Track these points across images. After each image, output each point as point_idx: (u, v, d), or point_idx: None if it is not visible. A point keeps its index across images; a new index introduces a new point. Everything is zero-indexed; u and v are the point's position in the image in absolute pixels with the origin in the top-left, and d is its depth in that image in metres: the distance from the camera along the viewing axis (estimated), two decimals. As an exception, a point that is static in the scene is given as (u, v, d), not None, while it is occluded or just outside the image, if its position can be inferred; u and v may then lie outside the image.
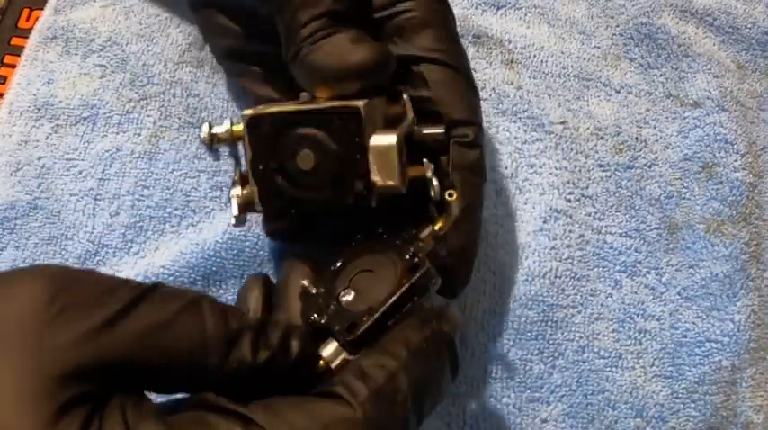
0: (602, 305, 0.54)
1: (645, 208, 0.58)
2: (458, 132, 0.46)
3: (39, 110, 0.57)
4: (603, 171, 0.59)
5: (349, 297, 0.41)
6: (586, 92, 0.62)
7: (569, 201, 0.57)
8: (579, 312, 0.53)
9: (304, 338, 0.38)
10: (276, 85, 0.50)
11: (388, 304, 0.39)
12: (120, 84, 0.59)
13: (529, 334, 0.52)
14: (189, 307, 0.35)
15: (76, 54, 0.60)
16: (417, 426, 0.37)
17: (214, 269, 0.52)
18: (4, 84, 0.60)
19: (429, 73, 0.47)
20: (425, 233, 0.44)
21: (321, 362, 0.38)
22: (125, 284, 0.35)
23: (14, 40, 0.62)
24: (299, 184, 0.41)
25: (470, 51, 0.63)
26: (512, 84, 0.61)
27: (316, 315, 0.40)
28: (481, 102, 0.60)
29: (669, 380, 0.52)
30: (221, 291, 0.52)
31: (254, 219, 0.53)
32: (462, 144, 0.46)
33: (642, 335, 0.53)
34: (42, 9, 0.62)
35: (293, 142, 0.41)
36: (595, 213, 0.57)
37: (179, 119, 0.58)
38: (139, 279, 0.51)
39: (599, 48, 0.64)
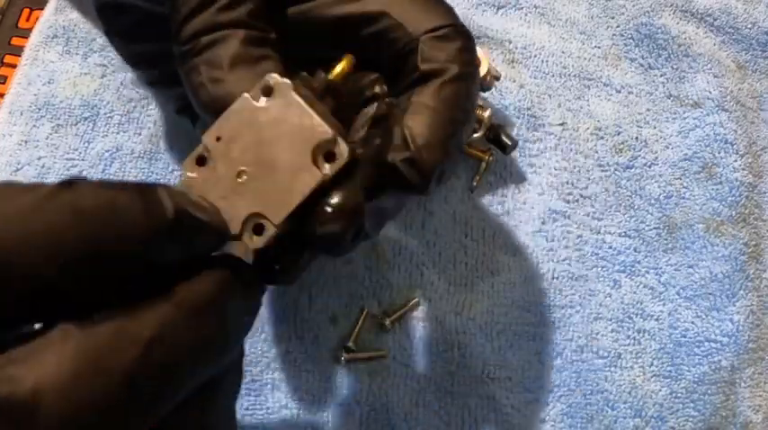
0: (600, 305, 0.54)
1: (644, 208, 0.58)
2: (431, 34, 0.39)
3: (39, 109, 0.58)
4: (603, 171, 0.59)
5: None
6: (587, 91, 0.62)
7: (568, 202, 0.57)
8: (578, 312, 0.54)
9: None
10: None
11: None
12: (122, 83, 0.59)
13: (527, 334, 0.52)
14: None
15: (77, 53, 0.60)
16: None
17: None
18: (4, 83, 0.60)
19: None
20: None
21: None
22: None
23: (15, 40, 0.63)
24: None
25: (470, 51, 0.63)
26: (514, 81, 0.62)
27: None
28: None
29: (668, 379, 0.52)
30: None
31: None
32: (434, 38, 0.39)
33: (641, 334, 0.53)
34: (42, 9, 0.63)
35: None
36: (594, 213, 0.57)
37: (180, 119, 0.58)
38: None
39: (599, 48, 0.64)
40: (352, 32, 0.40)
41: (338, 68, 0.38)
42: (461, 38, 0.39)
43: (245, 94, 0.34)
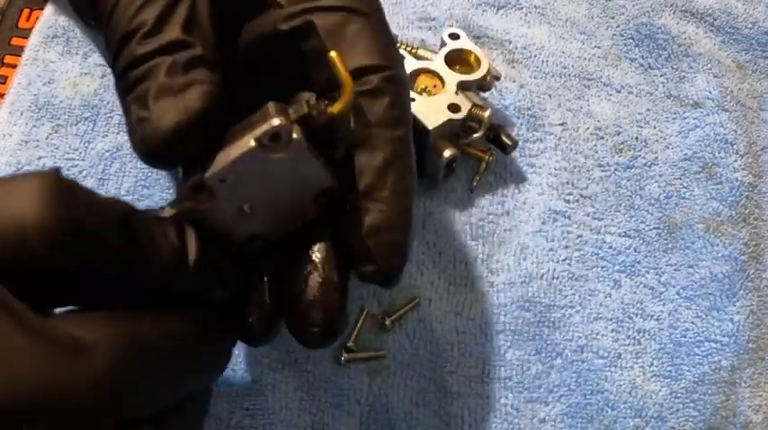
0: (600, 305, 0.54)
1: (644, 208, 0.58)
2: (359, 82, 0.39)
3: (39, 110, 0.58)
4: (603, 171, 0.59)
5: None
6: (587, 92, 0.62)
7: (568, 202, 0.57)
8: (578, 312, 0.53)
9: None
10: None
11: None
12: (122, 83, 0.59)
13: (526, 334, 0.52)
14: None
15: (77, 54, 0.60)
16: None
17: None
18: (4, 84, 0.60)
19: (321, 20, 0.40)
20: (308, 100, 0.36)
21: None
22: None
23: (15, 40, 0.63)
24: None
25: (471, 51, 0.63)
26: (514, 81, 0.62)
27: None
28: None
29: (668, 379, 0.52)
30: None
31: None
32: (364, 93, 0.39)
33: (641, 334, 0.53)
34: (42, 9, 0.63)
35: None
36: (594, 213, 0.57)
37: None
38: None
39: (599, 48, 0.64)
40: (294, 48, 0.41)
41: (341, 103, 0.36)
42: (390, 89, 0.39)
43: (252, 142, 0.34)
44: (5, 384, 0.26)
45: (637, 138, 0.60)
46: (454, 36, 0.57)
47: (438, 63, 0.56)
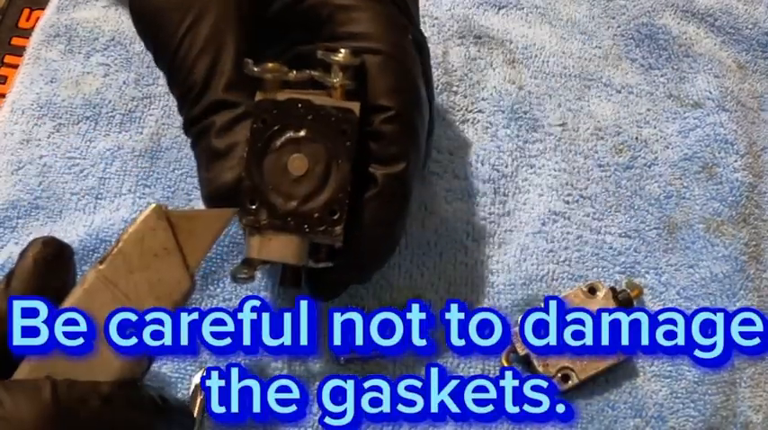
0: (600, 305, 0.54)
1: (644, 208, 0.58)
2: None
3: (41, 108, 0.58)
4: (603, 171, 0.59)
5: None
6: (587, 92, 0.62)
7: (568, 203, 0.57)
8: (578, 312, 0.53)
9: None
10: None
11: None
12: (124, 83, 0.59)
13: (526, 334, 0.52)
14: None
15: (80, 53, 0.60)
16: None
17: (213, 269, 0.52)
18: (4, 84, 0.60)
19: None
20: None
21: None
22: None
23: (15, 40, 0.63)
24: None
25: (472, 51, 0.63)
26: (513, 83, 0.62)
27: None
28: (483, 101, 0.60)
29: (668, 379, 0.52)
30: (218, 290, 0.52)
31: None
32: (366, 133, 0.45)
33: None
34: (43, 9, 0.63)
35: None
36: (594, 213, 0.57)
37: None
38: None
39: (600, 48, 0.64)
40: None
41: None
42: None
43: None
44: None
45: (637, 138, 0.60)
46: None
47: None
